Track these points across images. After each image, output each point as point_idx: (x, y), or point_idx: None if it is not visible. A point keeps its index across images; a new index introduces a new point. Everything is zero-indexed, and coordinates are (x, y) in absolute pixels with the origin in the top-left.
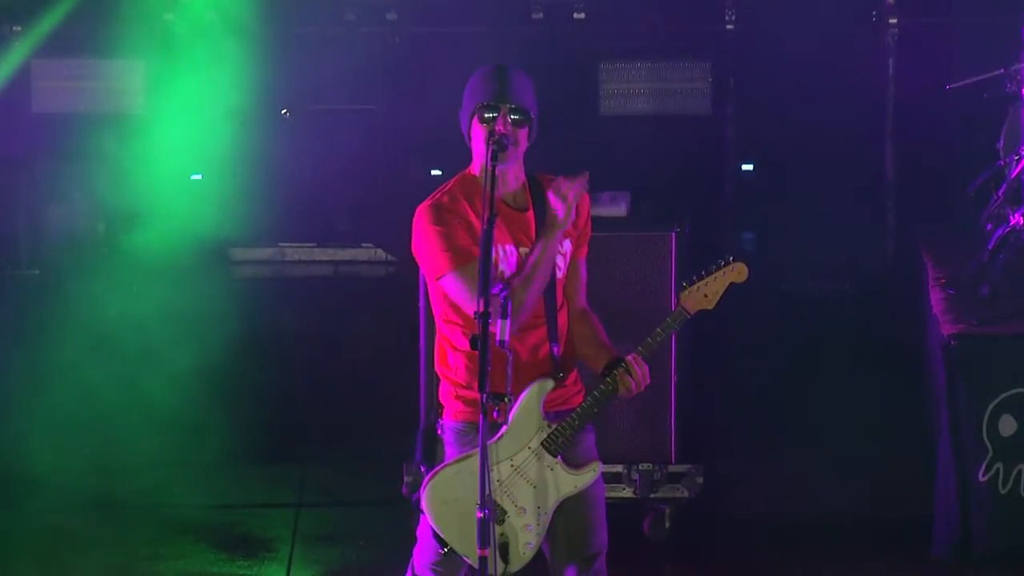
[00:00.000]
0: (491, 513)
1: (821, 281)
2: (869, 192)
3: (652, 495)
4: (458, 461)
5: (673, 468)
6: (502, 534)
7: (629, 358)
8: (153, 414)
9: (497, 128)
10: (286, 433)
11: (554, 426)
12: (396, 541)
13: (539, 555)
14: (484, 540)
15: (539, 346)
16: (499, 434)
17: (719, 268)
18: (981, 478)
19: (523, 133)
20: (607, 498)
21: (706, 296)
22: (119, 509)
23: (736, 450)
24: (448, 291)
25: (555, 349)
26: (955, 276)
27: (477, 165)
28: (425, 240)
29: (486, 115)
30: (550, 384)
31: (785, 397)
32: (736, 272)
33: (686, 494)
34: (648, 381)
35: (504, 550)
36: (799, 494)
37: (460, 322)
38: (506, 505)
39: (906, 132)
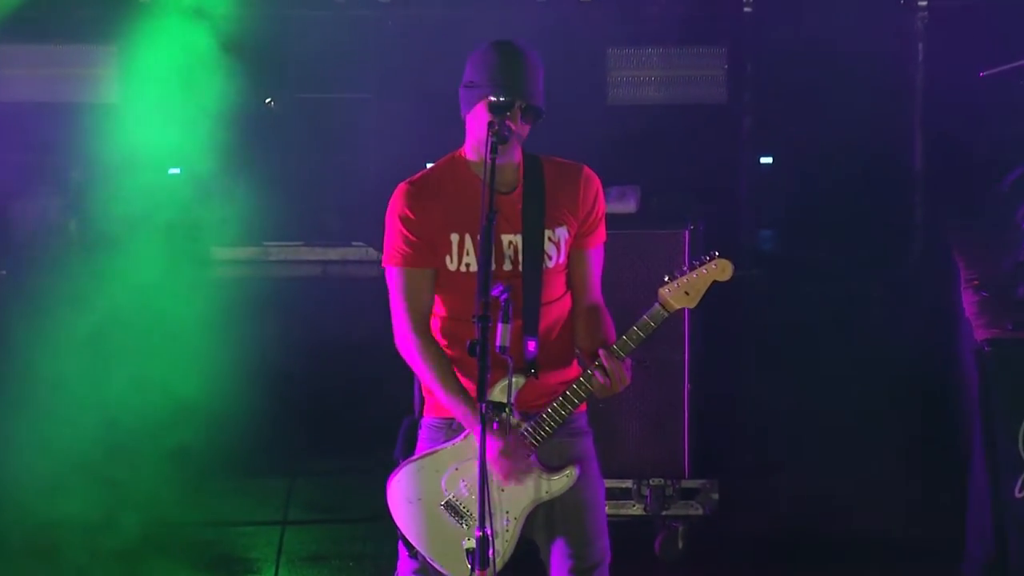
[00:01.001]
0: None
1: (844, 282)
2: (896, 186)
3: (664, 512)
4: (421, 457)
5: (686, 483)
6: (467, 539)
7: (600, 352)
8: (128, 425)
9: (507, 123)
10: (271, 445)
11: (523, 425)
12: (388, 561)
13: (538, 565)
14: (483, 561)
15: (514, 341)
16: (464, 433)
17: (702, 264)
18: (1017, 494)
19: (528, 128)
20: (615, 515)
21: (687, 294)
22: (92, 526)
23: (753, 464)
24: (388, 282)
25: (530, 344)
26: (989, 277)
27: (470, 147)
28: (388, 224)
29: (497, 109)
30: (521, 381)
31: (806, 407)
32: (720, 269)
33: (700, 511)
34: (627, 382)
35: (468, 557)
36: (821, 511)
37: (440, 314)
38: (471, 508)
39: (936, 122)
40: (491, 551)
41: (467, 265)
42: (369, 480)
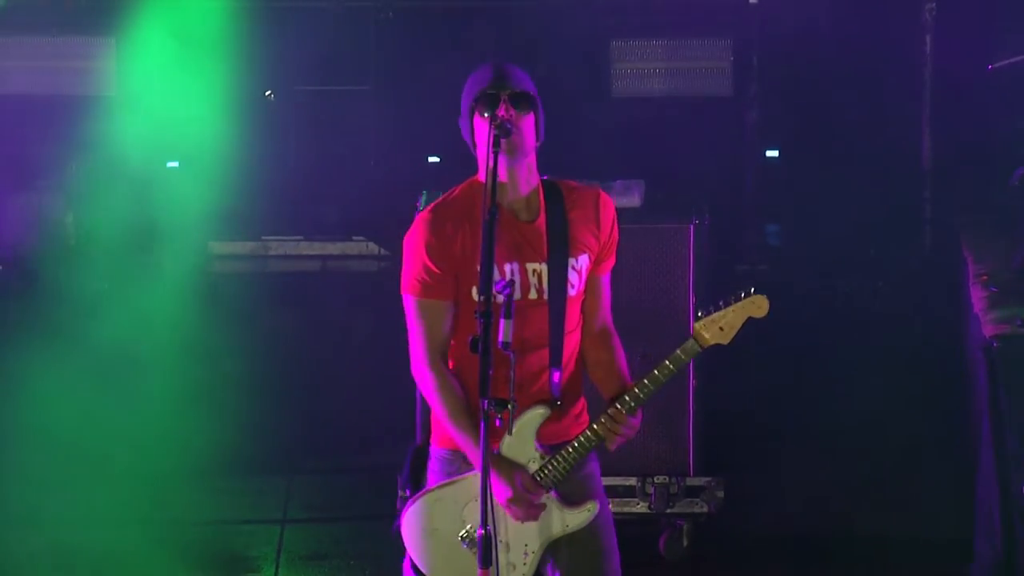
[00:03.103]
0: (494, 532)
1: (852, 278)
2: (904, 181)
3: (669, 510)
4: (440, 487)
5: (691, 481)
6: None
7: (610, 411)
8: (125, 421)
9: (499, 113)
10: (270, 442)
11: (547, 458)
12: (389, 560)
13: None
14: (486, 560)
15: (539, 371)
16: None
17: (738, 300)
18: None
19: (528, 122)
20: (619, 514)
21: (722, 329)
22: (89, 525)
23: (759, 461)
24: (406, 309)
25: (555, 375)
26: (998, 272)
27: (483, 169)
28: (408, 251)
29: (486, 105)
30: (547, 413)
31: (813, 404)
32: (756, 306)
33: (705, 509)
34: (636, 429)
35: None
36: (827, 509)
37: (463, 343)
38: (480, 508)
39: (945, 116)
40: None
41: (494, 296)
42: (369, 478)
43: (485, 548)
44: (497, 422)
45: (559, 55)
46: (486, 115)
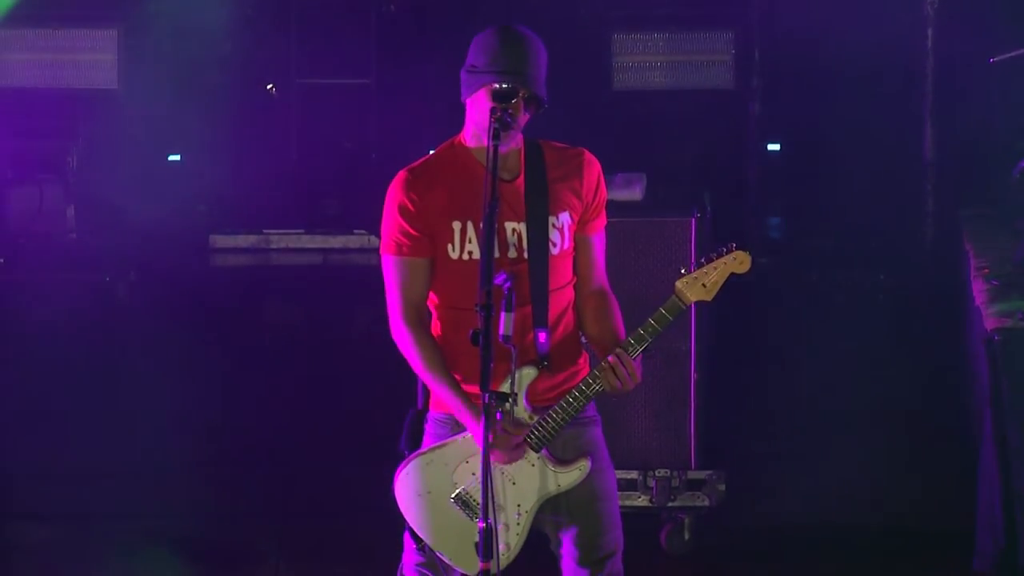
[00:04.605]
0: (495, 523)
1: (854, 271)
2: (906, 174)
3: (670, 504)
4: (432, 450)
5: (693, 474)
6: (475, 533)
7: (610, 358)
8: (124, 415)
9: (508, 110)
10: (271, 436)
11: (535, 419)
12: (388, 560)
13: (549, 557)
14: (487, 552)
15: (523, 331)
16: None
17: (720, 256)
18: None
19: (528, 116)
20: (622, 507)
21: (704, 286)
22: (87, 519)
23: (761, 455)
24: (384, 270)
25: (540, 335)
26: (999, 266)
27: (469, 133)
28: (386, 212)
29: (499, 98)
30: (534, 373)
31: (814, 397)
32: (738, 261)
33: (707, 503)
34: (639, 379)
35: (476, 551)
36: (829, 503)
37: (442, 303)
38: (481, 501)
39: (947, 109)
40: (500, 544)
41: (469, 253)
42: (371, 473)
43: (486, 541)
44: (499, 415)
45: (560, 48)
46: (494, 102)
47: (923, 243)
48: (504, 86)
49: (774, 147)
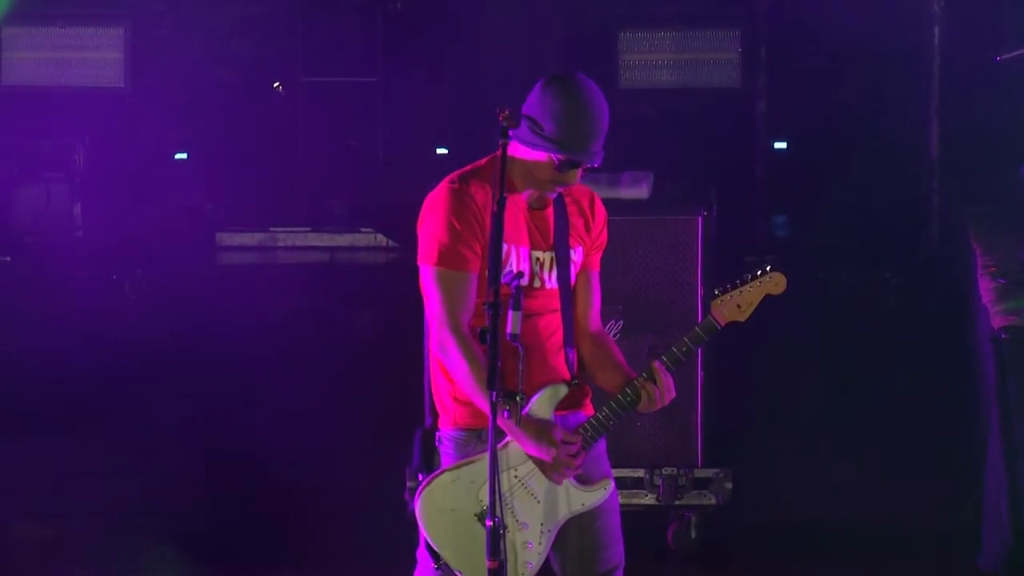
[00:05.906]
0: (501, 522)
1: (860, 269)
2: (913, 172)
3: (677, 502)
4: (457, 467)
5: (699, 473)
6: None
7: (655, 364)
8: (128, 413)
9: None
10: (278, 435)
11: (572, 429)
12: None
13: (548, 572)
14: (494, 551)
15: (556, 351)
16: (504, 440)
17: (755, 278)
18: None
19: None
20: (627, 505)
21: (739, 307)
22: (92, 517)
23: (768, 453)
24: (423, 282)
25: (571, 353)
26: (1006, 263)
27: (519, 174)
28: (431, 222)
29: (565, 165)
30: (564, 389)
31: (821, 395)
32: (773, 283)
33: (714, 501)
34: (673, 394)
35: (500, 569)
36: (836, 501)
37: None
38: (506, 519)
39: (953, 107)
40: (528, 563)
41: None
42: (374, 472)
43: (493, 539)
44: (505, 413)
45: (567, 45)
46: (555, 171)
47: (929, 241)
48: (568, 159)
49: (781, 145)
